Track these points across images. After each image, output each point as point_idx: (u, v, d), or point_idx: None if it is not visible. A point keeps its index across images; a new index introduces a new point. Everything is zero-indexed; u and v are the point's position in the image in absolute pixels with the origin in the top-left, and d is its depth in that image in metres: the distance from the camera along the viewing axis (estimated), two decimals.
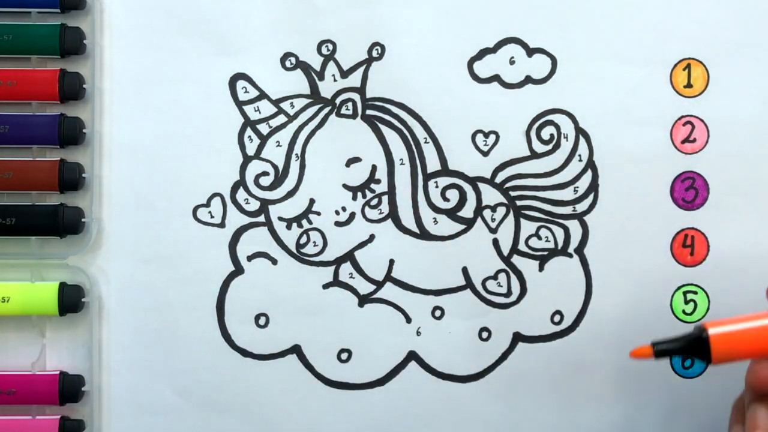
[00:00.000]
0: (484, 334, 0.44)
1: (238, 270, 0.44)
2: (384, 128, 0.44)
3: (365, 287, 0.44)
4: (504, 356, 0.44)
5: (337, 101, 0.44)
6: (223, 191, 0.44)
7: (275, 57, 0.44)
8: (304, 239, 0.44)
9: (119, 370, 0.44)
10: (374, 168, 0.44)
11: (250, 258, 0.44)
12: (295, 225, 0.44)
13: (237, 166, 0.44)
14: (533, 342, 0.44)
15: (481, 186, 0.44)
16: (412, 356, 0.44)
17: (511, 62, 0.44)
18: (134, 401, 0.44)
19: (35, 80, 0.43)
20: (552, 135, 0.44)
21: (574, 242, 0.44)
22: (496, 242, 0.44)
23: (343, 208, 0.44)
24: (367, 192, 0.44)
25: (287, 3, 0.44)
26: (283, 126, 0.44)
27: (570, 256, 0.44)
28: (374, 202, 0.44)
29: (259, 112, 0.44)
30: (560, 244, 0.44)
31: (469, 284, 0.44)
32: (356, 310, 0.44)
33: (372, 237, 0.44)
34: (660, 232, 0.44)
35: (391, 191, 0.44)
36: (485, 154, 0.44)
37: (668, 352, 0.35)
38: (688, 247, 0.44)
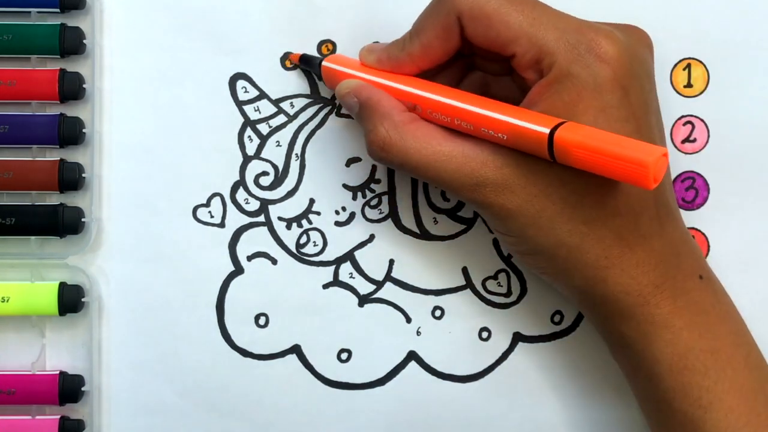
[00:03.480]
0: (484, 334, 0.44)
1: (238, 270, 0.44)
2: None
3: (365, 287, 0.44)
4: (504, 356, 0.44)
5: (337, 101, 0.44)
6: (223, 191, 0.44)
7: (275, 57, 0.44)
8: (304, 239, 0.44)
9: (119, 370, 0.44)
10: (374, 168, 0.44)
11: (250, 258, 0.44)
12: (295, 225, 0.44)
13: (237, 166, 0.44)
14: (533, 342, 0.44)
15: None
16: (412, 356, 0.44)
17: None
18: (134, 401, 0.44)
19: (35, 80, 0.43)
20: None
21: None
22: (496, 242, 0.44)
23: (343, 208, 0.44)
24: (367, 192, 0.44)
25: (287, 3, 0.44)
26: (283, 126, 0.44)
27: None
28: (374, 202, 0.44)
29: (259, 112, 0.44)
30: None
31: (469, 284, 0.44)
32: (356, 310, 0.44)
33: (372, 237, 0.44)
34: None
35: (391, 191, 0.44)
36: None
37: None
38: None
